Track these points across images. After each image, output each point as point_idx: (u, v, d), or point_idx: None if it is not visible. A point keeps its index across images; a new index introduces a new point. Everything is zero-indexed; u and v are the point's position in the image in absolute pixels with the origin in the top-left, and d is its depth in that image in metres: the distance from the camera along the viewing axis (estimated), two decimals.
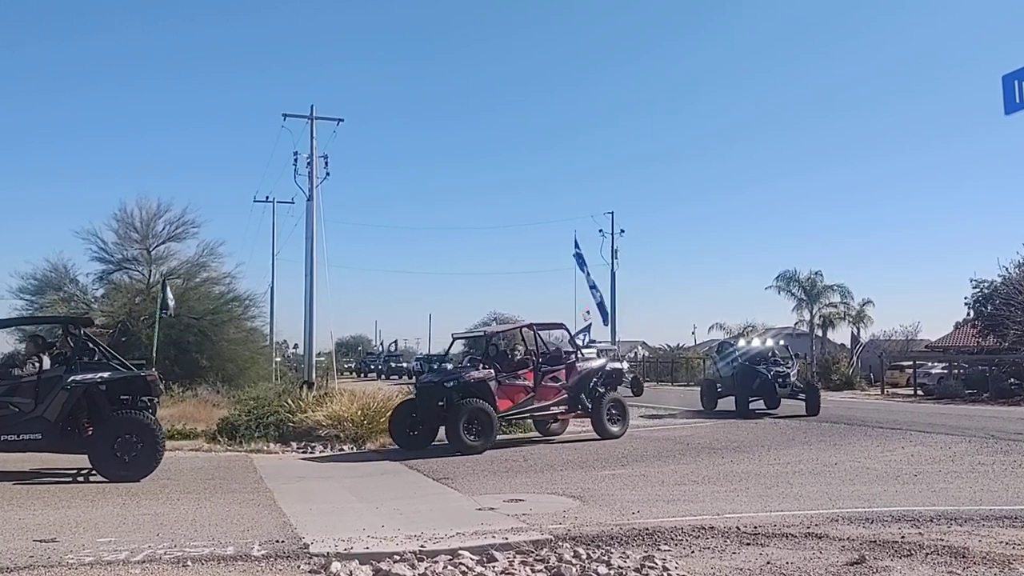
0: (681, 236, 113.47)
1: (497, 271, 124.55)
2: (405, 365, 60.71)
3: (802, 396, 22.11)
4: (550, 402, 15.76)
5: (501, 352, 17.39)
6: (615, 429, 16.28)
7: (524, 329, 17.32)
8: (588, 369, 16.41)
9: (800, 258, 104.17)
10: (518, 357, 16.45)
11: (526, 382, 15.53)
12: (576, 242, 26.01)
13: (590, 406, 16.19)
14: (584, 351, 18.73)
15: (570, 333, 18.28)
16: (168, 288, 18.34)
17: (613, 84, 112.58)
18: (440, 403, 14.95)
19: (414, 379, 45.38)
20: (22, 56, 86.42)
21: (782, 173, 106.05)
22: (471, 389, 14.94)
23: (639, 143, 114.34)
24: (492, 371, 15.37)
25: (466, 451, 14.12)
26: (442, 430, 14.97)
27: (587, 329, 38.99)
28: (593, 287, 24.64)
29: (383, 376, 57.72)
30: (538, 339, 17.09)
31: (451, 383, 15.12)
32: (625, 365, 22.29)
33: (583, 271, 24.88)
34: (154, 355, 16.79)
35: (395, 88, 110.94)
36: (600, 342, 19.77)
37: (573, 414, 16.38)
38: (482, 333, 19.38)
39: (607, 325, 30.62)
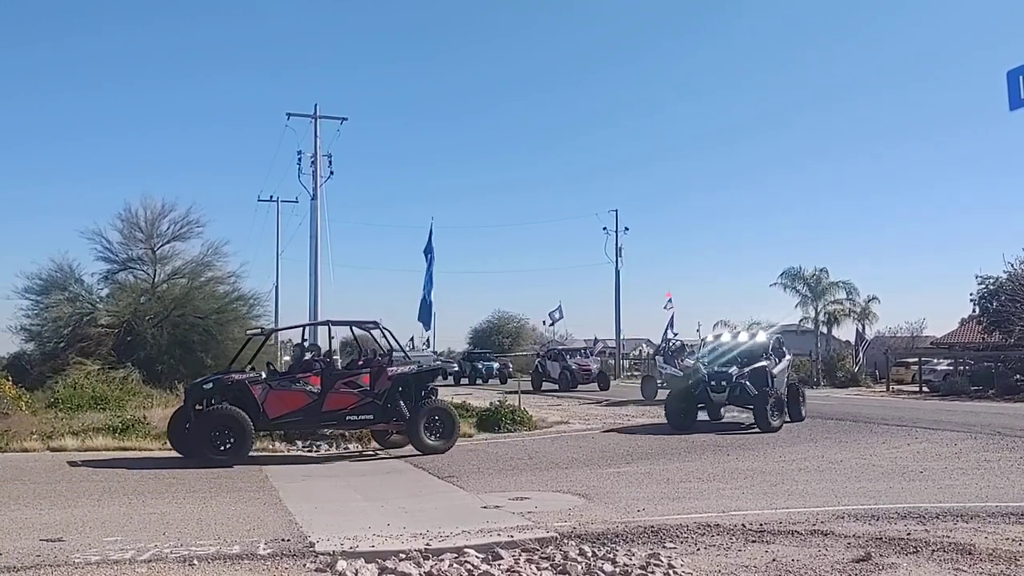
0: (684, 234, 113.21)
1: (499, 270, 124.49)
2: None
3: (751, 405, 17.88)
4: (344, 409, 13.90)
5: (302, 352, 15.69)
6: (433, 442, 14.02)
7: (320, 327, 15.51)
8: (400, 374, 14.38)
9: (804, 255, 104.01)
10: (306, 358, 15.05)
11: (309, 387, 13.79)
12: (430, 234, 23.24)
13: (407, 415, 14.14)
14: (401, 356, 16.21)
15: (386, 333, 15.57)
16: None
17: (614, 83, 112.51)
18: (198, 407, 13.63)
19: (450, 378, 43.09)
20: (25, 56, 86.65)
21: (785, 170, 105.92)
22: (232, 392, 13.49)
23: (641, 142, 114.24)
24: (259, 373, 14.10)
25: (213, 464, 12.50)
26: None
27: (671, 324, 37.75)
28: (429, 282, 22.33)
29: None
30: (356, 338, 15.59)
31: (210, 384, 13.83)
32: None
33: (429, 269, 22.63)
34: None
35: (397, 88, 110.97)
36: (426, 348, 16.97)
37: (384, 424, 14.41)
38: (260, 331, 17.40)
39: (429, 330, 28.13)
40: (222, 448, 12.80)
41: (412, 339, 73.23)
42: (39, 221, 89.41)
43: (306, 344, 17.16)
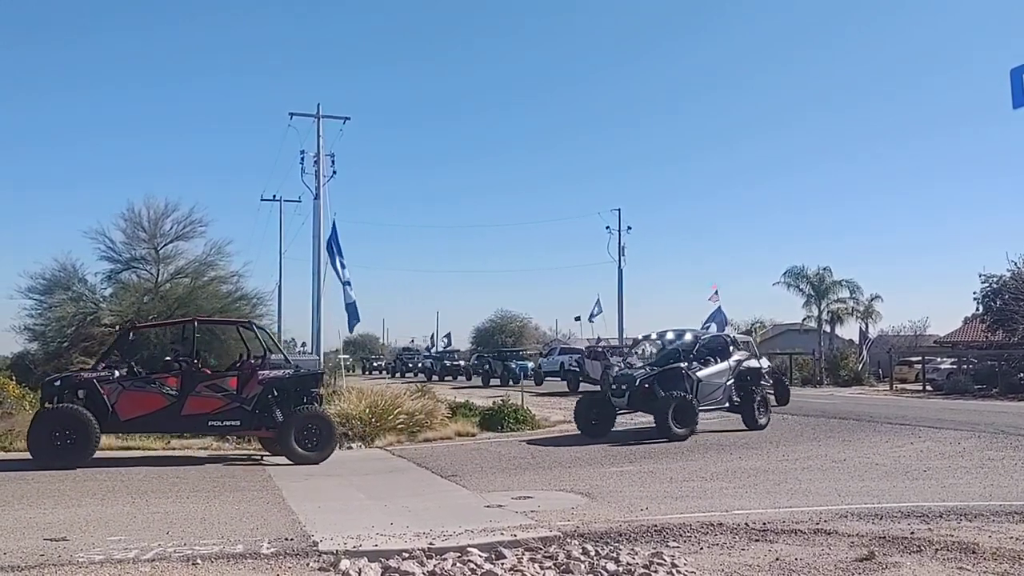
0: (687, 233, 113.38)
1: (501, 270, 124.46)
2: (462, 364, 50.47)
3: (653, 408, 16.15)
4: (207, 414, 13.25)
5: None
6: (306, 452, 13.19)
7: (188, 325, 14.82)
8: (272, 378, 13.62)
9: (808, 255, 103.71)
10: (168, 358, 14.41)
11: (166, 388, 13.19)
12: (334, 225, 21.66)
13: (280, 421, 13.34)
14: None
15: (259, 334, 14.71)
16: None
17: (615, 84, 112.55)
18: (48, 404, 13.07)
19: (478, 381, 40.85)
20: (28, 58, 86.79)
21: (786, 170, 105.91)
22: (81, 391, 12.96)
23: (642, 142, 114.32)
24: (112, 371, 13.47)
25: (52, 466, 11.99)
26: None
27: (713, 318, 34.30)
28: (347, 283, 21.21)
29: (433, 377, 48.18)
30: (243, 337, 15.01)
31: (59, 382, 13.26)
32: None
33: (334, 265, 21.43)
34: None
35: (399, 88, 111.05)
36: (307, 352, 14.87)
37: (253, 430, 13.80)
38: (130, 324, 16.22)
39: (352, 332, 26.41)
40: (62, 448, 12.21)
41: (448, 335, 67.70)
42: (42, 223, 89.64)
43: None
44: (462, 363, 50.52)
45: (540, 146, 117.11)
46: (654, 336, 21.23)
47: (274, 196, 45.31)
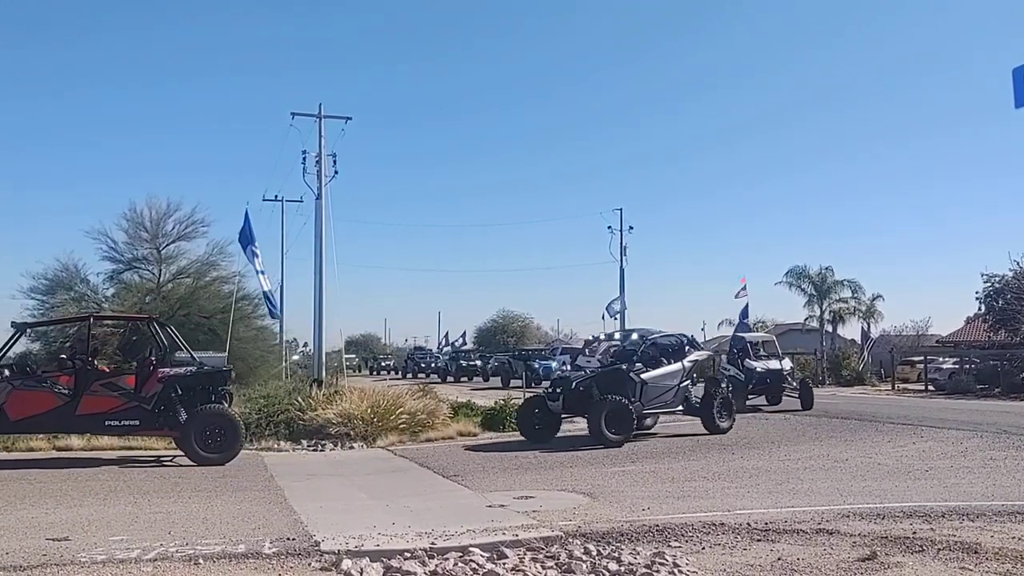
0: (689, 233, 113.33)
1: (503, 269, 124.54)
2: (479, 364, 47.67)
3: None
4: (103, 413, 12.89)
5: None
6: (208, 453, 12.87)
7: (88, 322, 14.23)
8: (173, 376, 13.22)
9: (809, 254, 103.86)
10: (63, 355, 13.98)
11: (58, 388, 12.84)
12: (246, 216, 20.77)
13: (182, 421, 13.07)
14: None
15: (159, 331, 14.20)
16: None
17: (615, 83, 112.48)
18: None
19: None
20: (30, 58, 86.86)
21: (788, 170, 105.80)
22: None
23: (644, 141, 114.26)
24: (2, 371, 13.09)
25: None
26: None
27: (744, 315, 34.47)
28: (261, 273, 20.48)
29: (448, 377, 46.16)
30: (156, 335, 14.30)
31: None
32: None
33: (248, 257, 20.65)
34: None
35: (401, 88, 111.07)
36: (212, 357, 14.16)
37: (154, 431, 13.47)
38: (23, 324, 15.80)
39: (275, 319, 25.08)
40: None
41: (463, 334, 66.43)
42: (44, 223, 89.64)
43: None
44: (479, 363, 48.00)
45: (541, 146, 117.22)
46: (603, 336, 20.96)
47: (276, 196, 45.26)
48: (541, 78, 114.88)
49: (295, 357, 50.43)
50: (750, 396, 22.87)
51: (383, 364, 66.63)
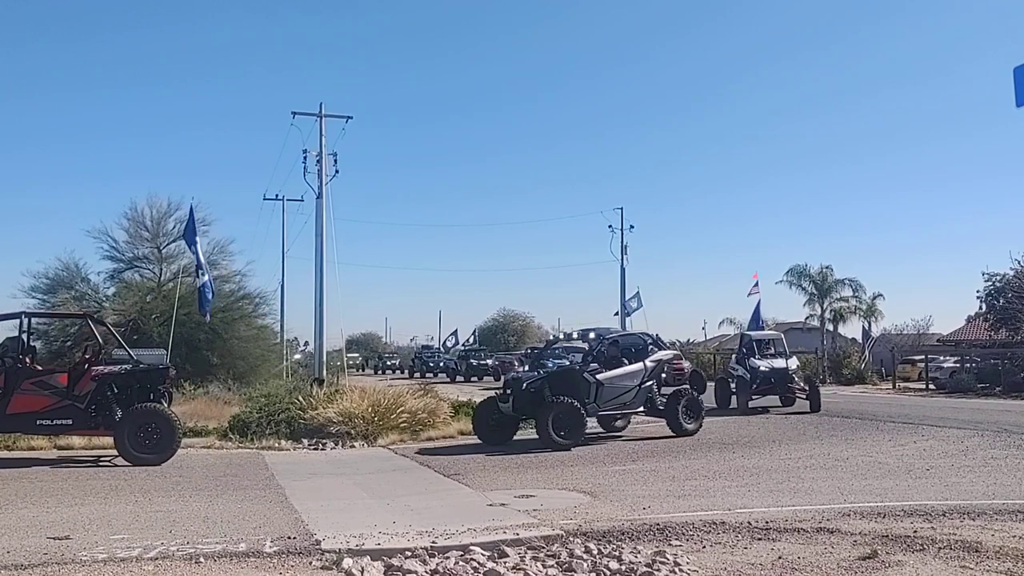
0: (690, 232, 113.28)
1: (504, 269, 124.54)
2: (491, 363, 45.19)
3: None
4: (34, 412, 12.67)
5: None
6: (143, 453, 12.60)
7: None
8: (107, 374, 13.03)
9: (810, 253, 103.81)
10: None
11: None
12: (191, 211, 20.14)
13: (117, 420, 12.84)
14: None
15: (93, 325, 13.88)
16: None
17: (617, 83, 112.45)
18: None
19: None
20: (30, 59, 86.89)
21: (791, 169, 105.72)
22: None
23: (645, 141, 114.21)
24: None
25: None
26: None
27: (756, 313, 32.00)
28: (199, 267, 19.98)
29: (458, 377, 44.75)
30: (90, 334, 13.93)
31: None
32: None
33: (192, 250, 20.03)
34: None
35: (403, 88, 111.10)
36: (150, 354, 13.84)
37: (88, 431, 13.26)
38: None
39: (207, 318, 24.25)
40: None
41: (475, 332, 64.86)
42: (45, 223, 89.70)
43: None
44: (490, 362, 45.59)
45: (542, 145, 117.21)
46: (562, 336, 20.03)
47: (277, 195, 45.32)
48: (542, 78, 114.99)
49: (297, 356, 50.33)
50: (754, 396, 21.87)
51: (388, 363, 65.44)
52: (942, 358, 37.83)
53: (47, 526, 8.02)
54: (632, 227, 47.44)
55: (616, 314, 47.01)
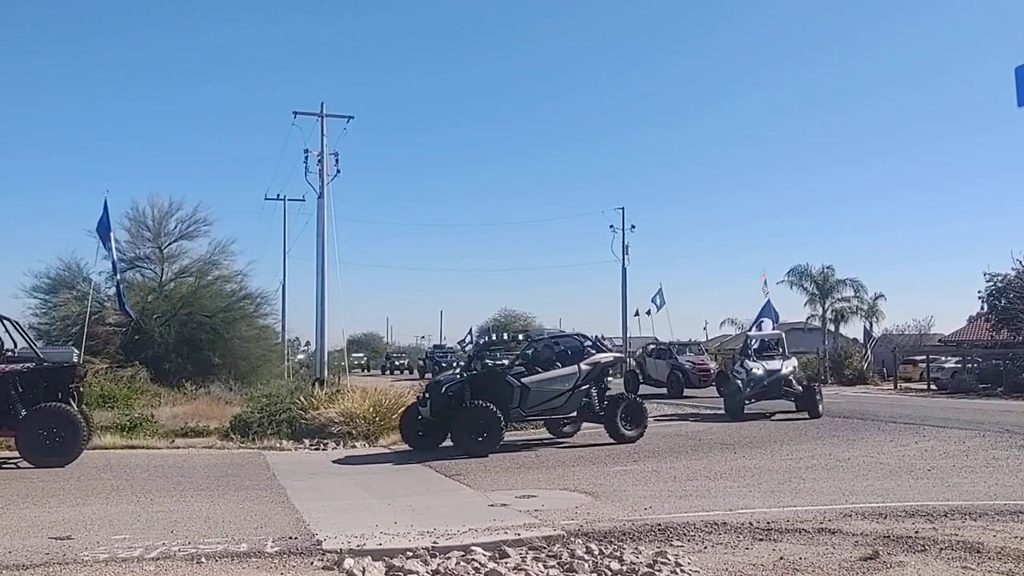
0: (691, 232, 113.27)
1: (505, 268, 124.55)
2: (506, 363, 44.79)
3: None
4: None
5: None
6: (46, 455, 12.21)
7: None
8: (8, 373, 12.67)
9: (811, 254, 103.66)
10: None
11: None
12: (105, 205, 18.82)
13: (19, 420, 12.43)
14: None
15: (5, 325, 13.35)
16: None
17: (618, 83, 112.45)
18: None
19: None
20: (32, 59, 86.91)
21: (791, 169, 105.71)
22: None
23: (647, 141, 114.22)
24: None
25: None
26: None
27: (766, 311, 28.95)
28: (114, 266, 19.43)
29: None
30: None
31: None
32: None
33: (106, 247, 19.44)
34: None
35: (404, 88, 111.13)
36: (57, 352, 14.61)
37: None
38: None
39: (127, 315, 23.23)
40: None
41: (501, 329, 64.08)
42: (46, 224, 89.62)
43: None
44: (506, 362, 44.06)
45: (543, 145, 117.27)
46: (495, 338, 18.73)
47: (278, 195, 45.35)
48: (542, 78, 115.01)
49: (299, 356, 50.27)
50: (749, 400, 20.24)
51: (397, 363, 63.46)
52: (944, 358, 37.80)
53: (49, 526, 8.03)
54: (633, 227, 47.43)
55: (636, 314, 46.19)
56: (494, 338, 16.43)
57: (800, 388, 20.57)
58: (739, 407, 20.04)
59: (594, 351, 15.91)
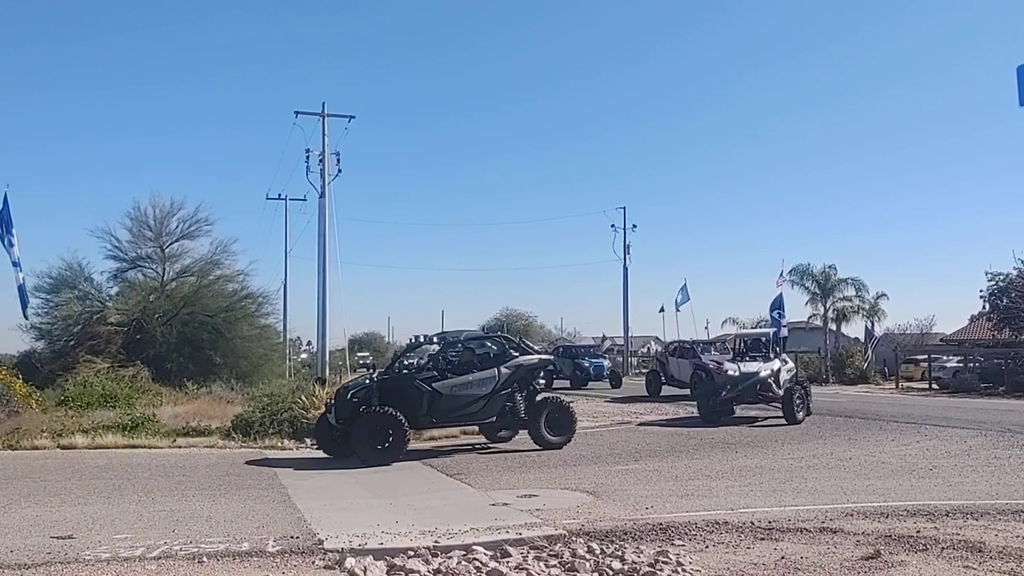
0: (691, 232, 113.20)
1: (506, 268, 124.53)
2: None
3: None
4: None
5: None
6: None
7: None
8: None
9: (812, 253, 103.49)
10: None
11: None
12: (4, 199, 18.31)
13: None
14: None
15: None
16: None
17: (619, 83, 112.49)
18: None
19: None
20: (33, 59, 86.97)
21: (791, 169, 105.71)
22: None
23: (646, 141, 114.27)
24: None
25: None
26: None
27: (779, 305, 27.95)
28: (16, 264, 19.02)
29: None
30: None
31: None
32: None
33: (5, 247, 18.95)
34: None
35: (404, 87, 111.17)
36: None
37: None
38: None
39: (27, 317, 22.70)
40: None
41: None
42: (46, 224, 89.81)
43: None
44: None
45: (544, 145, 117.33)
46: (413, 340, 17.74)
47: (279, 195, 45.37)
48: (542, 78, 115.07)
49: (302, 356, 50.28)
50: (724, 405, 18.99)
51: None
52: (945, 358, 37.80)
53: (50, 525, 8.04)
54: (635, 226, 47.44)
55: (661, 311, 44.63)
56: (422, 339, 15.95)
57: (780, 392, 19.02)
58: (711, 411, 18.89)
59: (517, 354, 15.13)
